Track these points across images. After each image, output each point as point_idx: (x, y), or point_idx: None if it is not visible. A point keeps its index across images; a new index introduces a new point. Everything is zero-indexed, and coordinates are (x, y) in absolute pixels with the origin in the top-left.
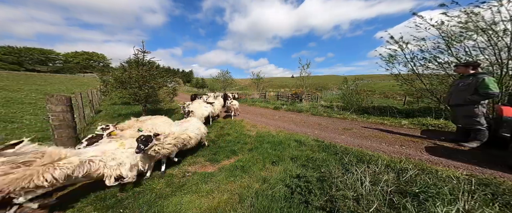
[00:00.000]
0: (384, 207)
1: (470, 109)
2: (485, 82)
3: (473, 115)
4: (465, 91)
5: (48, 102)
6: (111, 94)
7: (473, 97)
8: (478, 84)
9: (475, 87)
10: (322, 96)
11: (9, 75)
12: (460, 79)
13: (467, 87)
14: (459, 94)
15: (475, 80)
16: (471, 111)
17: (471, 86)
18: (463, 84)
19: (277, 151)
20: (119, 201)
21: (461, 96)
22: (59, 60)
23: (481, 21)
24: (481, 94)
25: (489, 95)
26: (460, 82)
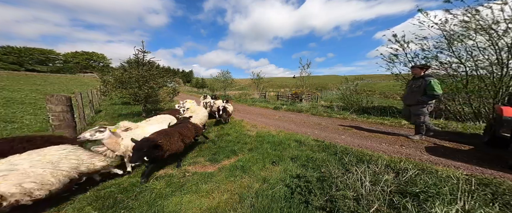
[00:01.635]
0: (384, 207)
1: (419, 108)
2: (431, 85)
3: (421, 114)
4: (417, 92)
5: (48, 102)
6: (111, 94)
7: (423, 98)
8: (426, 86)
9: (424, 88)
10: (322, 96)
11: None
12: (413, 80)
13: (418, 89)
14: (412, 94)
15: (424, 82)
16: (420, 110)
17: (421, 87)
18: (415, 85)
19: (277, 151)
20: (119, 201)
21: (414, 97)
22: (59, 60)
23: (483, 20)
24: (429, 95)
25: (435, 96)
26: (413, 84)
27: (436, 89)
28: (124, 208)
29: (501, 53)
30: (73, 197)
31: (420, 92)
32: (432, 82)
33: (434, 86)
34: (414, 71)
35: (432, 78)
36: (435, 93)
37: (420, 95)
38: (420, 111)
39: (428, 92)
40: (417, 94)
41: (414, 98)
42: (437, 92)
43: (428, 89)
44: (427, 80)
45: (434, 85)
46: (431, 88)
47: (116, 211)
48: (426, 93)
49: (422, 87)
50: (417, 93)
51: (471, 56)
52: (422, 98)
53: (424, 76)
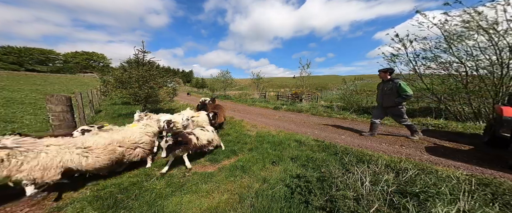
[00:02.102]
0: (384, 207)
1: (399, 110)
2: (402, 87)
3: (403, 114)
4: (391, 94)
5: (48, 102)
6: (111, 94)
7: (398, 99)
8: (398, 88)
9: (396, 90)
10: (322, 96)
11: (9, 75)
12: (383, 83)
13: (391, 91)
14: (386, 97)
15: (394, 85)
16: (400, 112)
17: (394, 90)
18: (387, 88)
19: (277, 151)
20: (119, 201)
21: (390, 99)
22: (59, 60)
23: (484, 21)
24: (403, 97)
25: (408, 96)
26: (384, 86)
27: (408, 90)
28: (124, 208)
29: (501, 53)
30: (73, 197)
31: (394, 94)
32: (402, 84)
33: (405, 87)
34: (381, 75)
35: (400, 80)
36: (408, 94)
37: (395, 97)
38: (401, 112)
39: (401, 93)
40: (392, 96)
41: (391, 101)
42: (410, 93)
43: (401, 90)
44: (397, 82)
45: (404, 86)
46: (403, 90)
47: (116, 211)
48: (400, 95)
49: (394, 89)
50: (391, 95)
51: (472, 56)
52: (398, 99)
53: (392, 79)
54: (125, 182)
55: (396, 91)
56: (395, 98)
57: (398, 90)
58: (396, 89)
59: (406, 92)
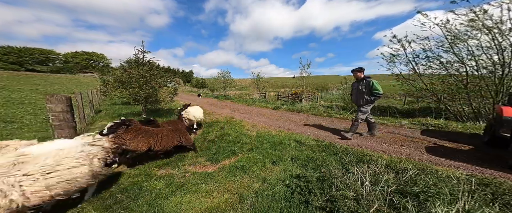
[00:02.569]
0: (384, 207)
1: (365, 107)
2: (375, 85)
3: (366, 112)
4: (364, 93)
5: (48, 102)
6: (111, 94)
7: (370, 98)
8: (371, 87)
9: (369, 88)
10: (322, 96)
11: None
12: (357, 82)
13: (365, 90)
14: (362, 95)
15: (367, 83)
16: (365, 108)
17: (367, 88)
18: (362, 87)
19: (277, 151)
20: (119, 201)
21: (363, 97)
22: (59, 60)
23: (488, 20)
24: (374, 95)
25: (379, 96)
26: (359, 85)
27: (379, 89)
28: (124, 208)
29: (503, 53)
30: None
31: (367, 93)
32: (375, 83)
33: (377, 86)
34: (356, 75)
35: (371, 79)
36: (380, 92)
37: (367, 96)
38: (365, 109)
39: (373, 92)
40: (365, 95)
41: (364, 99)
42: (381, 92)
43: (373, 89)
44: (370, 81)
45: (377, 85)
46: (375, 88)
47: (116, 211)
48: (372, 93)
49: (368, 87)
50: (365, 94)
51: (473, 55)
52: (369, 98)
53: (365, 77)
54: (125, 182)
55: (369, 89)
56: (367, 96)
57: (370, 88)
58: (369, 87)
59: (378, 90)
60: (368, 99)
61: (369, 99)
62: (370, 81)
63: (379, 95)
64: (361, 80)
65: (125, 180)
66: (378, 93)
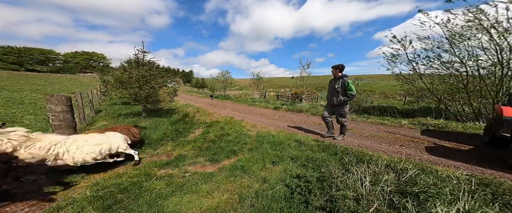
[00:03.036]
0: (384, 207)
1: (343, 108)
2: (350, 85)
3: (346, 114)
4: (339, 92)
5: (48, 102)
6: (111, 94)
7: (344, 98)
8: (346, 87)
9: (344, 88)
10: (322, 96)
11: (9, 75)
12: (334, 80)
13: (341, 89)
14: (337, 94)
15: (343, 83)
16: (344, 110)
17: (342, 88)
18: (337, 86)
19: (277, 151)
20: (119, 201)
21: (338, 97)
22: (59, 60)
23: (485, 20)
24: (348, 96)
25: (352, 97)
26: (335, 84)
27: (353, 89)
28: (124, 208)
29: (502, 53)
30: (72, 197)
31: (342, 93)
32: (350, 83)
33: (352, 86)
34: (334, 72)
35: (348, 78)
36: (353, 93)
37: (342, 96)
38: (344, 111)
39: (347, 92)
40: (340, 95)
41: (338, 98)
42: (354, 93)
43: (347, 89)
44: (345, 80)
45: (351, 85)
46: (349, 88)
47: (116, 211)
48: (346, 94)
49: (343, 87)
50: (340, 94)
51: (473, 55)
52: (344, 98)
53: (342, 76)
54: (125, 182)
55: (344, 89)
56: (342, 96)
57: (345, 88)
58: (344, 87)
59: (351, 91)
60: (342, 99)
61: (343, 99)
62: (346, 81)
63: (352, 96)
64: (338, 79)
65: (125, 180)
66: (351, 94)
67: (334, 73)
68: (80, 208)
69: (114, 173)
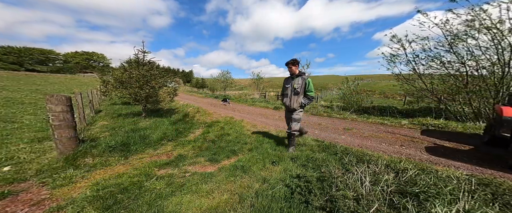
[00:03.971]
0: (384, 207)
1: (298, 113)
2: (311, 85)
3: (300, 119)
4: (299, 94)
5: (48, 102)
6: (111, 94)
7: (305, 100)
8: (307, 87)
9: (304, 89)
10: (322, 96)
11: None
12: (292, 79)
13: (300, 90)
14: (297, 97)
15: (303, 81)
16: (299, 115)
17: (302, 88)
18: (297, 86)
19: (277, 151)
20: (119, 201)
21: (298, 100)
22: (59, 60)
23: (488, 19)
24: (309, 98)
25: (312, 99)
26: (294, 83)
27: (313, 91)
28: (124, 208)
29: (503, 53)
30: (72, 197)
31: (302, 94)
32: (311, 81)
33: (312, 86)
34: (290, 69)
35: (308, 76)
36: (313, 95)
37: (302, 98)
38: (299, 117)
39: (307, 93)
40: (300, 97)
41: (298, 101)
42: (314, 94)
43: (308, 90)
44: (306, 78)
45: (312, 85)
46: (310, 88)
47: (116, 211)
48: (307, 95)
49: (303, 87)
50: (300, 95)
51: (473, 55)
52: (305, 100)
53: (301, 73)
54: (125, 182)
55: (304, 89)
56: (302, 98)
57: (305, 88)
58: (304, 87)
59: (312, 92)
60: (303, 102)
61: (303, 102)
62: (307, 79)
63: (312, 98)
64: (297, 77)
65: (125, 180)
66: (311, 95)
67: (292, 70)
68: (80, 208)
69: (114, 173)
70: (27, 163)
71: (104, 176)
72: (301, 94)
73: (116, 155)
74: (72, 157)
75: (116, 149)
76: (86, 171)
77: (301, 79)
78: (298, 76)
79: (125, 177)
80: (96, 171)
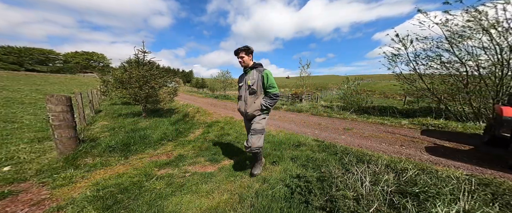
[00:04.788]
0: (384, 207)
1: (262, 119)
2: (272, 78)
3: (261, 128)
4: (256, 94)
5: (48, 102)
6: (111, 94)
7: (267, 101)
8: (266, 81)
9: (262, 85)
10: (322, 96)
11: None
12: (245, 75)
13: (257, 88)
14: (254, 97)
15: (258, 75)
16: (262, 122)
17: (258, 84)
18: (252, 82)
19: (277, 151)
20: (119, 201)
21: (255, 101)
22: (59, 60)
23: (485, 20)
24: (272, 97)
25: (277, 98)
26: (248, 78)
27: (276, 86)
28: (124, 208)
29: (502, 53)
30: (72, 197)
31: (261, 93)
32: (270, 74)
33: (274, 80)
34: (242, 59)
35: (266, 69)
36: (277, 92)
37: (263, 97)
38: (261, 125)
39: (269, 91)
40: (258, 98)
41: (257, 104)
42: (278, 90)
43: (269, 86)
44: (262, 71)
45: (273, 78)
46: (271, 83)
47: (116, 211)
48: (268, 93)
49: (259, 83)
50: (259, 95)
51: (473, 55)
52: (265, 102)
53: (256, 65)
54: (125, 182)
55: (262, 86)
56: (262, 99)
57: (264, 84)
58: (262, 83)
59: (275, 88)
60: (263, 104)
61: (264, 104)
62: (263, 72)
63: (277, 97)
64: (250, 69)
65: (125, 180)
66: (275, 93)
67: (245, 61)
68: (80, 208)
69: (114, 173)
70: (27, 163)
71: (104, 176)
72: (259, 93)
73: (116, 155)
74: (72, 157)
75: (116, 149)
76: (86, 171)
77: (257, 72)
78: (252, 68)
79: (125, 177)
80: (96, 171)
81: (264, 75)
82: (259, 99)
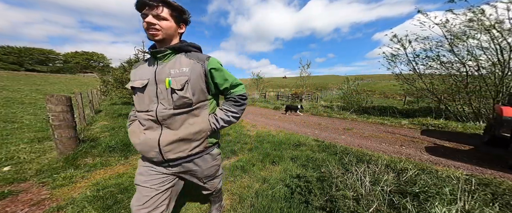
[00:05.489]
0: (384, 207)
1: (216, 169)
2: (228, 73)
3: (220, 176)
4: (191, 107)
5: (48, 102)
6: (111, 94)
7: (231, 113)
8: (222, 82)
9: (205, 81)
10: (322, 96)
11: (9, 75)
12: (156, 61)
13: (193, 95)
14: (183, 118)
15: (198, 71)
16: (219, 170)
17: (199, 88)
18: (182, 83)
19: (277, 151)
20: (119, 201)
21: (196, 123)
22: (59, 60)
23: (486, 20)
24: (239, 102)
25: (245, 100)
26: (165, 74)
27: (239, 81)
28: (124, 208)
29: (503, 53)
30: (72, 197)
31: (204, 101)
32: (222, 66)
33: (228, 72)
34: (158, 21)
35: (212, 57)
36: (244, 92)
37: (213, 110)
38: (219, 171)
39: (234, 91)
40: (202, 110)
41: (198, 124)
42: (245, 90)
43: (231, 85)
44: (207, 62)
45: (225, 69)
46: (233, 79)
47: (116, 211)
48: (230, 97)
49: (199, 85)
50: (200, 108)
51: (473, 55)
52: (227, 114)
53: (188, 47)
54: (125, 182)
55: (205, 82)
56: (208, 111)
57: (209, 85)
58: (205, 85)
59: (241, 84)
60: (222, 118)
61: (225, 117)
62: (208, 61)
63: (245, 100)
64: (174, 53)
65: (125, 180)
66: (243, 94)
67: (164, 29)
68: (80, 208)
69: (114, 173)
70: (27, 163)
71: (104, 176)
72: (199, 104)
73: (116, 155)
74: (72, 157)
75: (116, 149)
76: (86, 171)
77: (189, 60)
78: (177, 51)
79: (125, 177)
80: (96, 171)
81: (213, 69)
82: (201, 116)
